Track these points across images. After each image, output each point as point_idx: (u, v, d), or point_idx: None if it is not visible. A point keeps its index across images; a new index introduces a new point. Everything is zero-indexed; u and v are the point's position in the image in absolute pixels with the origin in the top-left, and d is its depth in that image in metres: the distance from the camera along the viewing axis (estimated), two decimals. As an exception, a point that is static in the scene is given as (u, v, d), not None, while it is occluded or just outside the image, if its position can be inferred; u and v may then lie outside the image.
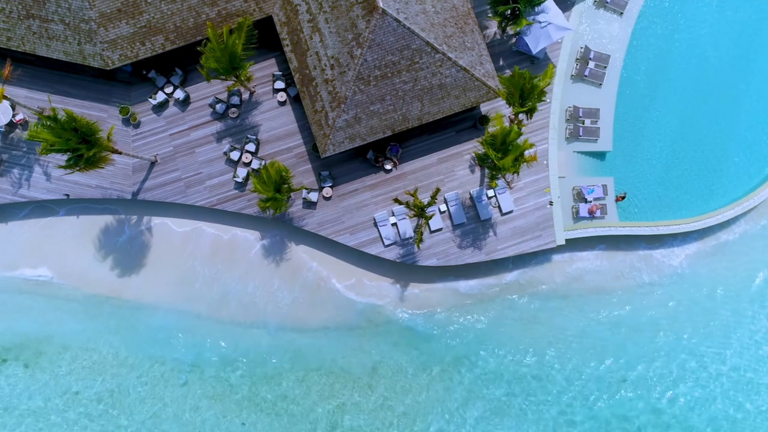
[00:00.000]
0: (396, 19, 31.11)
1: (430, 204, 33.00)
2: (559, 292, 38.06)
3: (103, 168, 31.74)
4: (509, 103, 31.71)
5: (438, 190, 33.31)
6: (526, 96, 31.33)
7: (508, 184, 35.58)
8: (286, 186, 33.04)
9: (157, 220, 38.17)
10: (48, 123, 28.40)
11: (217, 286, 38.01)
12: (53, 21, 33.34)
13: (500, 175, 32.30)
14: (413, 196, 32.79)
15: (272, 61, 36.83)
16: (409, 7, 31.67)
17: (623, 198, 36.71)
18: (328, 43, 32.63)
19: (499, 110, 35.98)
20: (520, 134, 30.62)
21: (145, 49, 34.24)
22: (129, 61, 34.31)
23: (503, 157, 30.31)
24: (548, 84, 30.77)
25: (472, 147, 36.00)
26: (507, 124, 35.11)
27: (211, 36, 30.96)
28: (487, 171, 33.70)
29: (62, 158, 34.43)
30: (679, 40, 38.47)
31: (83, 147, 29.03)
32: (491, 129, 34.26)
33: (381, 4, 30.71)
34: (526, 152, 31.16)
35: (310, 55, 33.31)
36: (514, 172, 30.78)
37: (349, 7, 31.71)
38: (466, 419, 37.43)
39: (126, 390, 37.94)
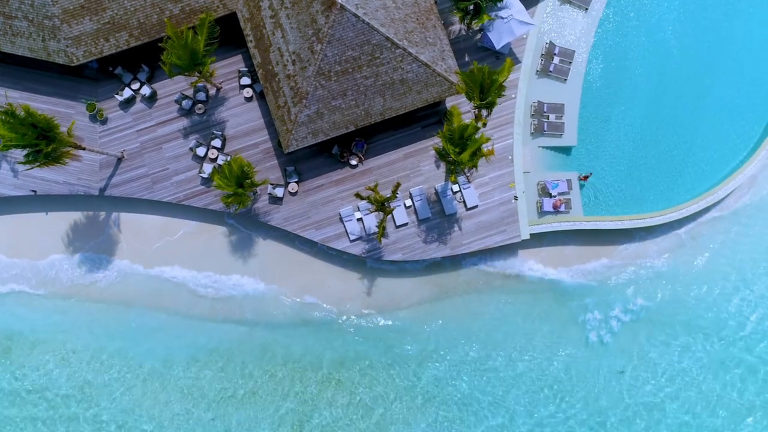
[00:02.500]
0: (355, 15, 31.28)
1: (390, 198, 33.16)
2: (527, 288, 38.19)
3: (65, 164, 31.80)
4: (469, 98, 31.84)
5: (398, 185, 33.53)
6: (485, 91, 31.44)
7: (467, 178, 35.80)
8: (248, 181, 33.18)
9: (126, 217, 38.25)
10: (5, 119, 28.50)
11: (187, 283, 38.08)
12: (17, 17, 33.45)
13: (459, 170, 32.45)
14: (374, 191, 32.95)
15: (239, 57, 36.94)
16: (368, 3, 31.83)
17: (587, 178, 36.92)
18: (289, 39, 32.80)
19: (462, 105, 36.10)
20: (478, 129, 30.75)
21: (110, 45, 34.38)
22: (93, 58, 34.46)
23: (461, 151, 30.46)
24: (506, 79, 30.87)
25: (437, 142, 36.15)
26: (471, 118, 35.28)
27: (171, 33, 31.09)
28: (447, 165, 33.81)
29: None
30: (644, 35, 38.71)
31: (42, 143, 29.14)
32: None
33: (339, 0, 30.86)
34: (484, 146, 31.28)
35: (273, 51, 33.48)
36: (472, 167, 30.92)
37: (309, 3, 31.88)
38: (435, 414, 37.61)
39: (96, 386, 37.98)
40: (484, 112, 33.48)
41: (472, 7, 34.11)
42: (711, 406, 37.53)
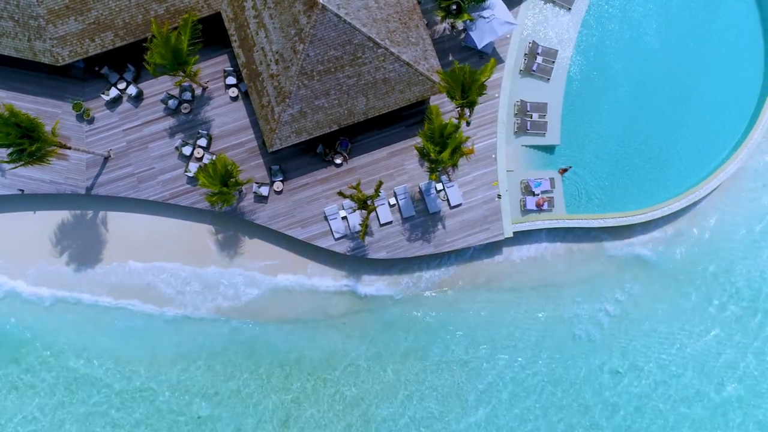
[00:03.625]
0: (336, 15, 31.56)
1: (373, 197, 33.44)
2: (510, 285, 38.50)
3: (49, 163, 32.07)
4: (450, 97, 32.12)
5: (381, 183, 33.80)
6: (467, 90, 31.71)
7: (448, 177, 36.11)
8: (233, 180, 33.45)
9: (113, 215, 38.49)
10: (-12, 118, 28.81)
11: (173, 281, 38.33)
12: (2, 18, 33.68)
13: (440, 168, 32.75)
14: (356, 189, 33.24)
15: (224, 57, 37.21)
16: (350, 3, 32.10)
17: (566, 171, 37.31)
18: (272, 39, 33.08)
19: (447, 104, 36.36)
20: (458, 127, 31.03)
21: (95, 45, 34.64)
22: (79, 58, 34.72)
23: (442, 150, 30.74)
24: (487, 78, 31.15)
25: (420, 141, 36.37)
26: (455, 117, 35.54)
27: (156, 32, 31.38)
28: (427, 164, 34.04)
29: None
30: (627, 34, 39.05)
31: (25, 142, 29.42)
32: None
33: (321, 0, 31.15)
34: (464, 145, 31.55)
35: (257, 51, 33.76)
36: (452, 165, 31.21)
37: (291, 3, 32.16)
38: (417, 410, 37.90)
39: (82, 384, 38.22)
40: (466, 111, 33.78)
41: (454, 6, 34.41)
42: (693, 393, 38.10)
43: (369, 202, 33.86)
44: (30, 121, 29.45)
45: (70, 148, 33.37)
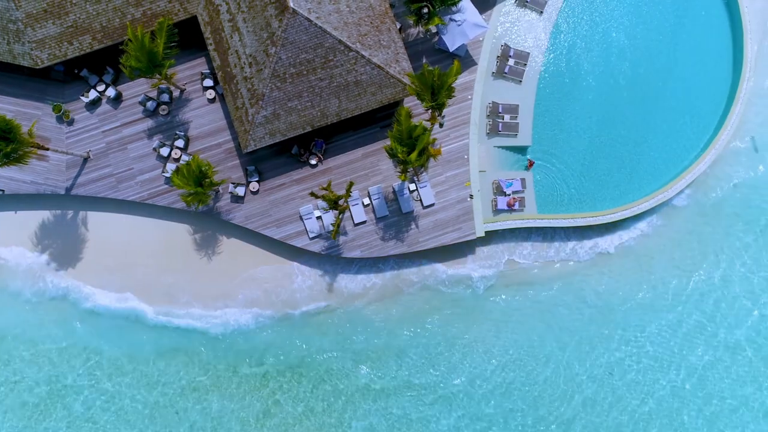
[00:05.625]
0: (307, 19, 32.23)
1: (344, 197, 34.07)
2: (485, 284, 39.10)
3: (27, 164, 32.73)
4: (421, 99, 32.77)
5: (351, 184, 34.43)
6: (436, 92, 32.37)
7: (417, 178, 36.78)
8: (207, 180, 34.08)
9: (93, 215, 39.10)
10: (-36, 120, 29.44)
11: (152, 280, 38.91)
12: (-19, 22, 34.39)
13: (410, 169, 33.40)
14: (327, 190, 33.88)
15: (202, 59, 37.86)
16: (321, 7, 32.78)
17: (533, 164, 38.07)
18: (246, 42, 33.76)
19: (418, 106, 37.00)
20: (426, 129, 31.68)
21: (73, 48, 35.29)
22: (58, 60, 35.36)
23: (410, 151, 31.38)
24: (455, 81, 31.80)
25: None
26: (427, 119, 36.19)
27: (131, 36, 32.03)
28: (397, 165, 34.71)
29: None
30: (598, 37, 39.71)
31: (1, 143, 30.05)
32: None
33: (291, 4, 31.83)
34: (431, 146, 32.21)
35: (231, 54, 34.43)
36: (419, 165, 31.87)
37: (263, 7, 32.83)
38: (393, 407, 38.53)
39: (64, 381, 38.84)
40: (437, 113, 34.43)
41: (425, 10, 35.06)
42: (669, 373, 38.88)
43: (341, 202, 34.49)
44: (6, 122, 30.08)
45: (47, 149, 34.02)
